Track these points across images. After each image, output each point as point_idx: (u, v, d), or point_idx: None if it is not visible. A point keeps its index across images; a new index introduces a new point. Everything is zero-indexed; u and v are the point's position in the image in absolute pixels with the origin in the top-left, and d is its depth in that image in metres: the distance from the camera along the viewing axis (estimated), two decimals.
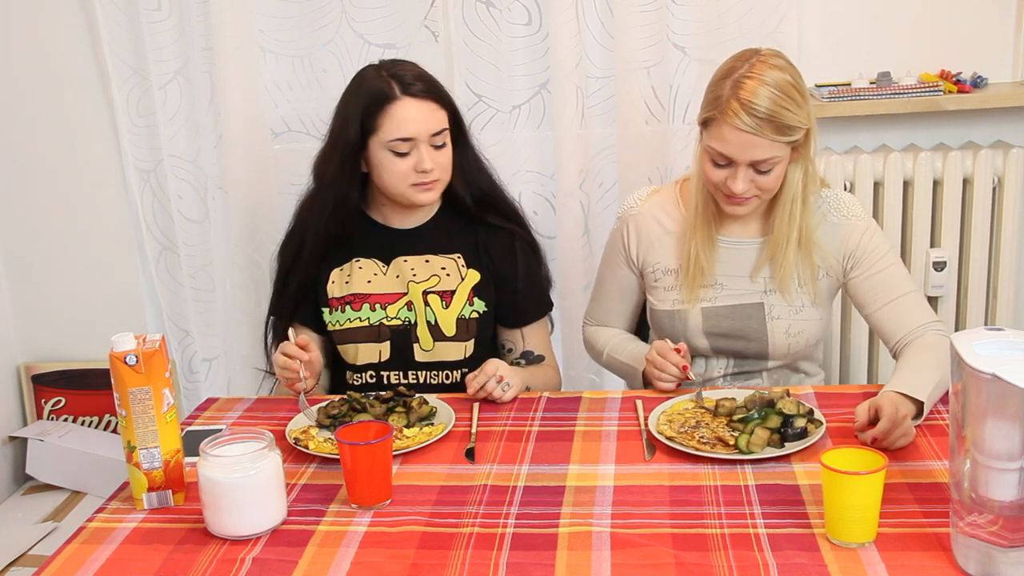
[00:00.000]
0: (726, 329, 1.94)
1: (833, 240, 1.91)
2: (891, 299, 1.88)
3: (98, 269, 2.91)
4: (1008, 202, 2.56)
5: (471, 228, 2.04)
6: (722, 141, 1.77)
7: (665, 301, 1.98)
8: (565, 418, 1.80)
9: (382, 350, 2.01)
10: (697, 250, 1.91)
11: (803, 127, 1.78)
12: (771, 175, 1.80)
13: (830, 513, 1.35)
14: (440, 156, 1.94)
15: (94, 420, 2.96)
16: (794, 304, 1.92)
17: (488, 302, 2.04)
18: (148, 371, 1.50)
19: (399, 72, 1.93)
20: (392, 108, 1.89)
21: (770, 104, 1.73)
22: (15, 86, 2.79)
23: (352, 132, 1.92)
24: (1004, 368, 1.17)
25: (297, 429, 1.76)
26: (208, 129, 2.71)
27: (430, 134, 1.91)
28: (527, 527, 1.43)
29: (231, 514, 1.44)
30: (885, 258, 1.90)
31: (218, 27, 2.58)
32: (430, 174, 1.92)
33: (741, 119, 1.74)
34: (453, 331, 2.01)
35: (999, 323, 2.63)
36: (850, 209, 1.92)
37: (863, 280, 1.90)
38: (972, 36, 2.58)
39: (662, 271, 1.98)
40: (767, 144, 1.75)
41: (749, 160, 1.77)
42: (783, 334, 1.92)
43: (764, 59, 1.79)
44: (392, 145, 1.90)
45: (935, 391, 1.69)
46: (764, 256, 1.92)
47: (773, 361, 1.96)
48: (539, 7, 2.58)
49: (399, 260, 2.02)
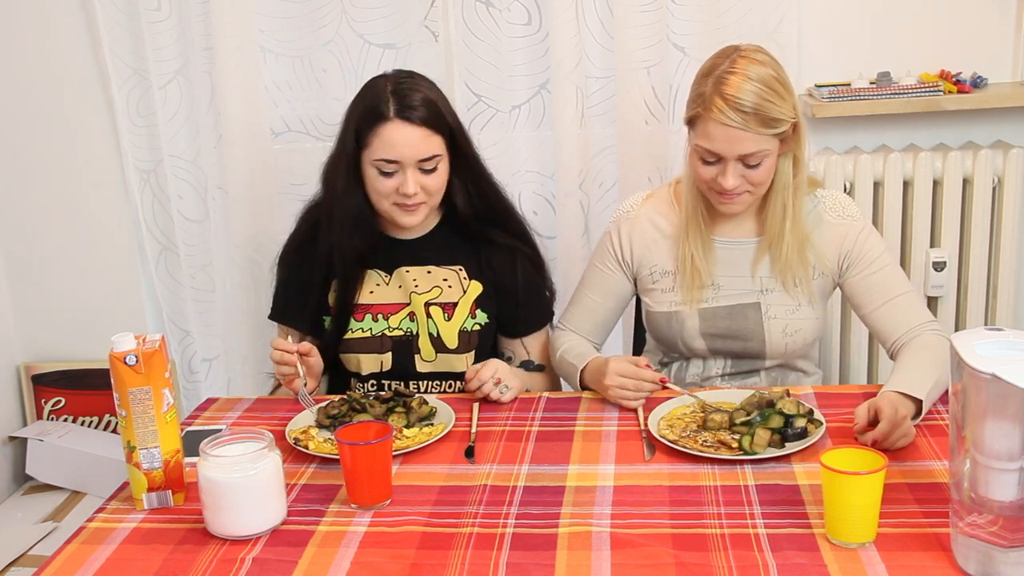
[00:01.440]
0: (723, 329, 1.94)
1: (829, 240, 1.91)
2: (887, 299, 1.88)
3: (98, 269, 2.91)
4: (1008, 202, 2.56)
5: (474, 241, 2.03)
6: (709, 138, 1.78)
7: (662, 303, 1.97)
8: (565, 418, 1.80)
9: (384, 360, 2.01)
10: (692, 252, 1.92)
11: (788, 119, 1.79)
12: (760, 169, 1.81)
13: (830, 513, 1.35)
14: (428, 179, 1.90)
15: (94, 420, 2.96)
16: (790, 303, 1.92)
17: (490, 314, 2.03)
18: (148, 371, 1.50)
19: (402, 90, 1.88)
20: (382, 128, 1.86)
21: (754, 98, 1.74)
22: (15, 86, 2.79)
23: (350, 143, 1.91)
24: (1004, 368, 1.17)
25: (297, 429, 1.76)
26: (208, 129, 2.71)
27: (417, 160, 1.87)
28: (527, 527, 1.43)
29: (231, 514, 1.44)
30: (881, 258, 1.91)
31: (218, 27, 2.58)
32: (412, 197, 1.89)
33: (726, 115, 1.74)
34: (455, 343, 2.00)
35: (999, 323, 2.62)
36: (845, 209, 1.92)
37: (859, 280, 1.91)
38: (972, 36, 2.58)
39: (659, 273, 1.98)
40: (753, 137, 1.76)
41: (737, 155, 1.78)
42: (780, 333, 1.92)
43: (745, 54, 1.79)
44: (377, 164, 1.88)
45: (933, 390, 1.69)
46: (761, 252, 1.92)
47: (770, 360, 1.96)
48: (539, 7, 2.58)
49: (401, 270, 2.01)
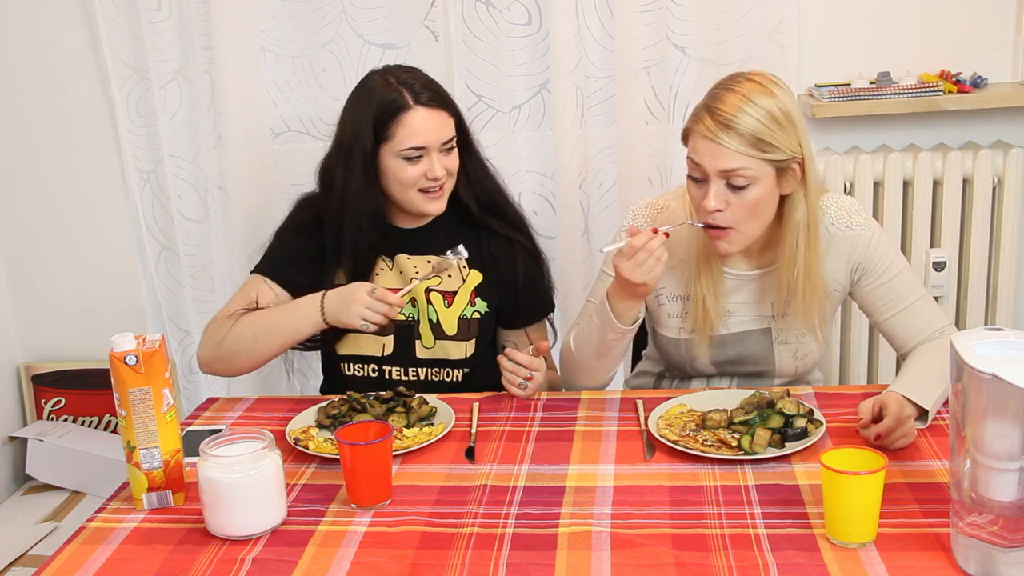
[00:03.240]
0: (733, 356, 1.92)
1: (839, 254, 1.85)
2: (902, 308, 1.85)
3: (98, 269, 2.91)
4: (1008, 202, 2.56)
5: (474, 231, 2.05)
6: (694, 150, 1.74)
7: (670, 328, 1.94)
8: (565, 418, 1.80)
9: (386, 344, 2.01)
10: (704, 295, 1.86)
11: (786, 150, 1.71)
12: (746, 194, 1.71)
13: (830, 513, 1.35)
14: (448, 161, 1.95)
15: (94, 420, 2.96)
16: (801, 328, 1.88)
17: (490, 303, 2.04)
18: (148, 371, 1.50)
19: (407, 80, 1.93)
20: (405, 117, 1.90)
21: (743, 116, 1.68)
22: (15, 86, 2.79)
23: (367, 140, 1.92)
24: (1004, 368, 1.17)
25: (297, 429, 1.76)
26: (208, 129, 2.71)
27: (441, 142, 1.93)
28: (527, 527, 1.43)
29: (231, 514, 1.44)
30: (893, 265, 1.85)
31: (218, 27, 2.58)
32: (439, 180, 1.93)
33: (705, 124, 1.70)
34: (455, 330, 2.01)
35: (999, 323, 2.63)
36: (853, 219, 1.85)
37: (872, 290, 1.86)
38: (972, 36, 2.58)
39: (667, 296, 1.93)
40: (734, 155, 1.68)
41: (718, 170, 1.71)
42: (790, 358, 1.91)
43: (753, 79, 1.74)
44: (405, 153, 1.91)
45: (940, 398, 1.67)
46: (771, 282, 1.87)
47: (779, 380, 1.94)
48: (539, 7, 2.58)
49: (402, 257, 2.03)
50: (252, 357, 1.95)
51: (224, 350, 1.94)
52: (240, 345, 1.93)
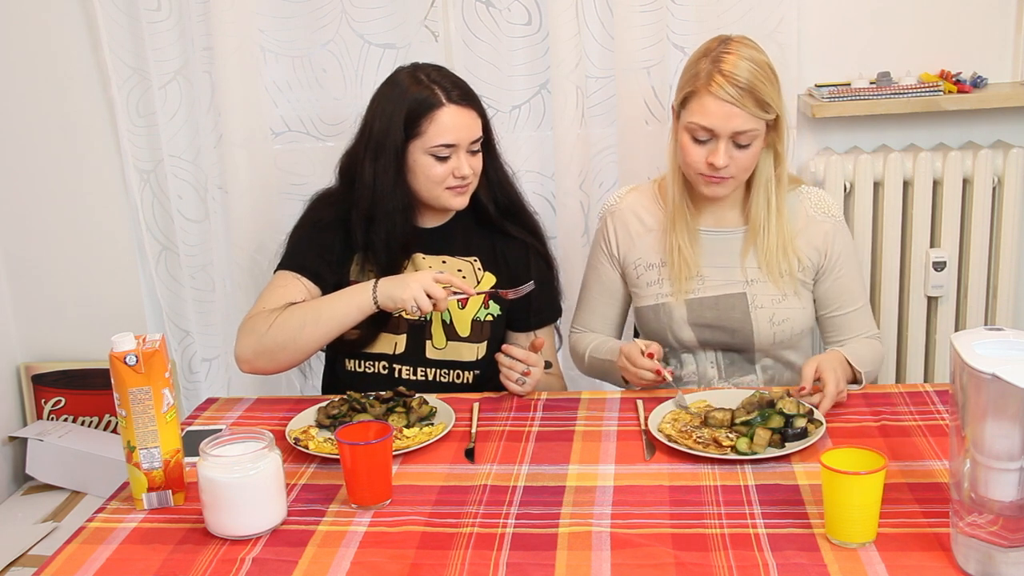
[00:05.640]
0: (710, 320, 1.96)
1: (814, 236, 1.97)
2: (850, 310, 2.00)
3: (98, 269, 2.91)
4: (1008, 202, 2.56)
5: (489, 233, 2.07)
6: (705, 113, 1.82)
7: (648, 296, 2.01)
8: (565, 418, 1.80)
9: (398, 342, 2.01)
10: (680, 243, 1.96)
11: (775, 107, 1.85)
12: (749, 151, 1.85)
13: (830, 513, 1.35)
14: (475, 160, 1.97)
15: (94, 420, 2.96)
16: (776, 293, 1.95)
17: (502, 306, 2.05)
18: (148, 371, 1.50)
19: (437, 78, 1.95)
20: (438, 114, 1.91)
21: (750, 76, 1.81)
22: (15, 86, 2.79)
23: (396, 135, 1.92)
24: (1004, 368, 1.17)
25: (297, 429, 1.77)
26: (208, 129, 2.71)
27: (470, 141, 1.94)
28: (527, 527, 1.43)
29: (231, 514, 1.44)
30: (850, 262, 2.00)
31: (218, 27, 2.58)
32: (467, 178, 1.95)
33: (725, 90, 1.80)
34: (467, 332, 2.02)
35: (999, 323, 2.62)
36: (829, 208, 1.99)
37: (831, 284, 1.99)
38: (972, 36, 2.58)
39: (644, 266, 2.01)
40: (747, 116, 1.81)
41: (731, 131, 1.82)
42: (767, 323, 1.95)
43: (739, 41, 1.87)
44: (435, 150, 1.92)
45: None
46: (746, 243, 1.96)
47: (760, 352, 1.98)
48: (539, 7, 2.58)
49: (417, 256, 2.03)
50: (298, 347, 1.89)
51: (269, 342, 1.88)
52: (287, 335, 1.87)
